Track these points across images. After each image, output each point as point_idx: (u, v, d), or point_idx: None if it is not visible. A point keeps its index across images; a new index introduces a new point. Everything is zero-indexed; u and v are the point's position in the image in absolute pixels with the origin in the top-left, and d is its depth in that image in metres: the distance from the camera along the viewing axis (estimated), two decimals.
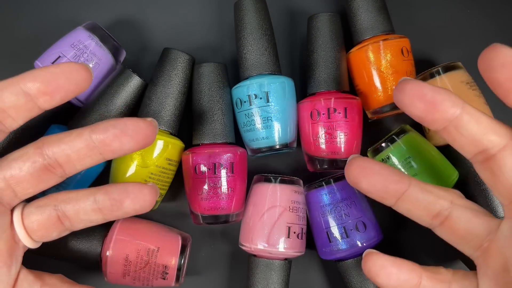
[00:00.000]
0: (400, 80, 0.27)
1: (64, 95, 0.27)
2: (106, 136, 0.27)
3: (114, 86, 0.36)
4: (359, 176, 0.27)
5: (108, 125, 0.27)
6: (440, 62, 0.40)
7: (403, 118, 0.41)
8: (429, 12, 0.43)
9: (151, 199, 0.28)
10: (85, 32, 0.36)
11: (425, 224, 0.28)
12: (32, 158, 0.27)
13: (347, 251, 0.35)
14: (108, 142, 0.27)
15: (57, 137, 0.27)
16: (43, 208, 0.27)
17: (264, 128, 0.36)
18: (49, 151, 0.27)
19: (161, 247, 0.35)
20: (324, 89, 0.37)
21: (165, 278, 0.35)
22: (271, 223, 0.35)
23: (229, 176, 0.35)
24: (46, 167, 0.27)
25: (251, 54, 0.37)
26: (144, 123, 0.27)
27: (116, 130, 0.27)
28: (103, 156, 0.27)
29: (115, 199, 0.27)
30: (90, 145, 0.27)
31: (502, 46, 0.25)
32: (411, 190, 0.27)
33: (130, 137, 0.27)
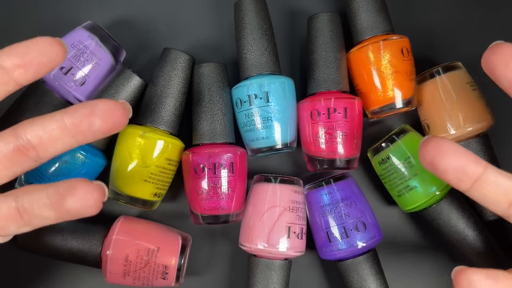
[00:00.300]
0: (492, 44, 0.26)
1: (38, 68, 0.27)
2: (76, 116, 0.26)
3: (114, 86, 0.36)
4: (437, 155, 0.26)
5: (79, 106, 0.27)
6: (440, 62, 0.39)
7: (403, 118, 0.41)
8: (429, 12, 0.43)
9: (93, 199, 0.26)
10: (85, 32, 0.36)
11: (499, 212, 0.27)
12: (6, 139, 0.26)
13: (347, 251, 0.35)
14: (77, 123, 0.26)
15: (31, 119, 0.27)
16: (6, 197, 0.27)
17: (264, 128, 0.36)
18: (22, 132, 0.26)
19: (161, 247, 0.35)
20: (324, 89, 0.37)
21: (165, 278, 0.35)
22: (271, 223, 0.35)
23: (229, 176, 0.35)
24: (20, 148, 0.26)
25: (251, 54, 0.37)
26: (115, 104, 0.27)
27: (85, 110, 0.26)
28: (75, 140, 0.27)
29: (60, 194, 0.26)
30: (62, 126, 0.26)
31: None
32: (488, 172, 0.26)
33: (99, 117, 0.26)
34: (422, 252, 0.40)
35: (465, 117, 0.36)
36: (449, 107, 0.37)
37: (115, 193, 0.35)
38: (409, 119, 0.41)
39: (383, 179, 0.38)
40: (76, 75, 0.36)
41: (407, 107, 0.37)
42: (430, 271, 0.40)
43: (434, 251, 0.40)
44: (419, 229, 0.40)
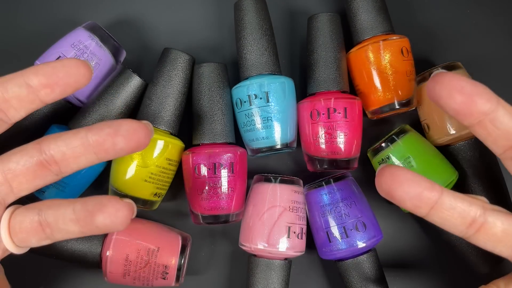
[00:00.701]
0: (434, 73, 0.26)
1: (64, 89, 0.27)
2: (101, 135, 0.27)
3: (114, 86, 0.36)
4: (392, 185, 0.26)
5: (104, 125, 0.27)
6: (440, 62, 0.40)
7: (403, 118, 0.41)
8: (429, 12, 0.43)
9: (123, 216, 0.26)
10: (85, 32, 0.36)
11: (460, 234, 0.27)
12: (29, 152, 0.27)
13: (347, 251, 0.35)
14: (102, 141, 0.27)
15: (55, 134, 0.28)
16: (28, 211, 0.27)
17: (264, 128, 0.36)
18: (46, 147, 0.27)
19: (161, 247, 0.35)
20: (324, 89, 0.37)
21: (165, 278, 0.35)
22: (271, 223, 0.35)
23: (229, 176, 0.35)
24: (42, 163, 0.27)
25: (251, 54, 0.37)
26: (138, 125, 0.27)
27: (110, 130, 0.27)
28: (97, 157, 0.27)
29: (89, 211, 0.26)
30: (85, 144, 0.27)
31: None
32: (444, 197, 0.26)
33: (123, 137, 0.27)
34: (422, 252, 0.40)
35: None
36: None
37: (115, 193, 0.35)
38: (409, 119, 0.41)
39: None
40: None
41: (407, 107, 0.37)
42: (430, 271, 0.40)
43: (434, 251, 0.40)
44: (419, 229, 0.40)
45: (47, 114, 0.37)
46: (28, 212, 0.27)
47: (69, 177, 0.34)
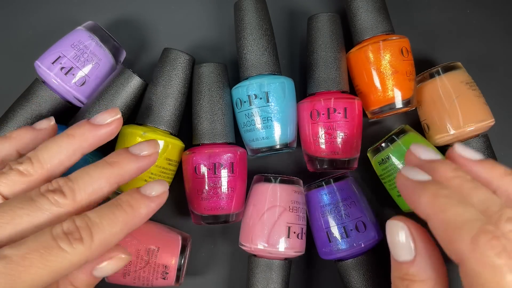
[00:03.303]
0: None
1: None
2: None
3: (114, 86, 0.36)
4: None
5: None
6: (440, 62, 0.40)
7: (403, 118, 0.41)
8: (429, 12, 0.43)
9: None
10: (85, 32, 0.36)
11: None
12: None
13: (347, 251, 0.35)
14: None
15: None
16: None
17: (264, 128, 0.36)
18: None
19: (161, 247, 0.35)
20: (324, 89, 0.37)
21: (165, 278, 0.35)
22: (271, 223, 0.35)
23: (229, 176, 0.35)
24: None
25: (251, 54, 0.37)
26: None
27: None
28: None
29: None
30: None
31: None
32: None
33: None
34: None
35: (464, 117, 0.36)
36: (448, 107, 0.37)
37: (115, 193, 0.35)
38: (409, 119, 0.41)
39: (383, 179, 0.38)
40: (76, 75, 0.36)
41: (407, 107, 0.37)
42: None
43: None
44: None
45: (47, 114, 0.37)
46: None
47: None
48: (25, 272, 0.23)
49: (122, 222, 0.26)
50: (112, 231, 0.26)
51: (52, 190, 0.26)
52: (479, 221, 0.22)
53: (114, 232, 0.26)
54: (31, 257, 0.23)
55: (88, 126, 0.29)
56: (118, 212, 0.26)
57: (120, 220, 0.26)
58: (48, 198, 0.25)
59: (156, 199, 0.28)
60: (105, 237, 0.25)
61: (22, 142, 0.30)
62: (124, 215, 0.26)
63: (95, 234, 0.25)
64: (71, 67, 0.36)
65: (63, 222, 0.25)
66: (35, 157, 0.27)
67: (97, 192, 0.27)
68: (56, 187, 0.26)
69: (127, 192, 0.28)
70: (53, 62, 0.35)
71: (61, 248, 0.24)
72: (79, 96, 0.37)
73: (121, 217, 0.26)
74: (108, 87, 0.36)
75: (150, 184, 0.28)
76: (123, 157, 0.28)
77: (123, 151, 0.29)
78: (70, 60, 0.35)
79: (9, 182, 0.27)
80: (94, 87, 0.37)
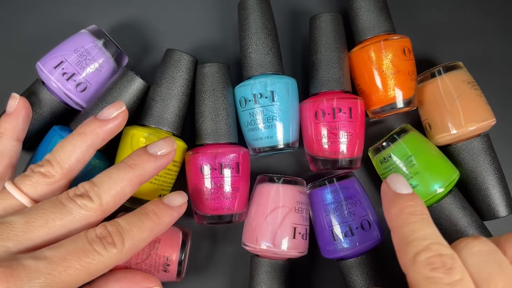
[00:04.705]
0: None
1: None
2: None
3: (116, 88, 0.36)
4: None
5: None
6: (441, 62, 0.40)
7: (404, 118, 0.41)
8: (430, 12, 0.43)
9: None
10: (88, 36, 0.36)
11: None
12: None
13: (351, 250, 0.35)
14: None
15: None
16: None
17: (267, 128, 0.36)
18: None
19: (162, 239, 0.35)
20: (327, 89, 0.37)
21: (166, 270, 0.34)
22: (277, 224, 0.35)
23: (233, 176, 0.35)
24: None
25: (256, 53, 0.37)
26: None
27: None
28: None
29: None
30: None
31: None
32: None
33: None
34: None
35: (466, 117, 0.37)
36: (450, 107, 0.37)
37: None
38: (410, 119, 0.41)
39: (384, 178, 0.38)
40: (78, 80, 0.35)
41: (408, 106, 0.37)
42: None
43: None
44: None
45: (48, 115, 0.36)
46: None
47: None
48: (65, 272, 0.25)
49: (148, 229, 0.29)
50: (140, 237, 0.28)
51: (80, 195, 0.28)
52: (427, 240, 0.25)
53: (142, 238, 0.28)
54: (70, 259, 0.25)
55: (98, 122, 0.30)
56: (146, 220, 0.29)
57: (148, 227, 0.28)
58: (77, 202, 0.27)
59: (177, 209, 0.31)
60: (134, 243, 0.28)
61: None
62: (150, 223, 0.29)
63: (126, 239, 0.27)
64: (73, 73, 0.35)
65: (96, 227, 0.27)
66: (54, 159, 0.29)
67: (120, 194, 0.29)
68: (83, 191, 0.28)
69: (152, 202, 0.30)
70: (55, 67, 0.35)
71: (96, 251, 0.26)
72: (79, 102, 0.36)
73: (148, 224, 0.29)
74: (110, 89, 0.36)
75: (172, 195, 0.31)
76: (142, 159, 0.30)
77: (142, 152, 0.30)
78: (72, 66, 0.35)
79: (33, 184, 0.28)
80: (94, 93, 0.37)
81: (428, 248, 0.25)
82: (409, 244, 0.25)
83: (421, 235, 0.25)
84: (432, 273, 0.24)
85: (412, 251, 0.25)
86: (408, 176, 0.36)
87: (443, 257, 0.24)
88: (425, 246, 0.25)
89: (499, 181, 0.37)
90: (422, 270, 0.24)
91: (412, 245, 0.25)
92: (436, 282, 0.24)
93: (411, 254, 0.25)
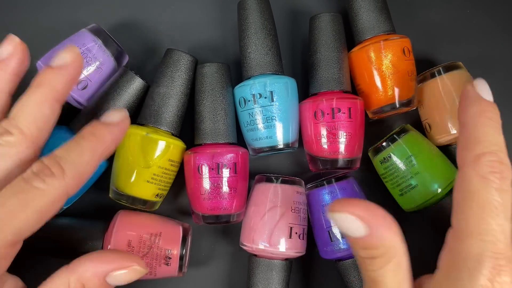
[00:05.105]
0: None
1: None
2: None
3: (116, 88, 0.36)
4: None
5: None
6: (441, 62, 0.40)
7: (404, 118, 0.41)
8: (430, 12, 0.43)
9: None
10: (88, 35, 0.36)
11: None
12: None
13: (348, 251, 0.35)
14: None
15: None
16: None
17: (266, 128, 0.36)
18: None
19: (163, 232, 0.35)
20: (327, 89, 0.37)
21: (168, 263, 0.34)
22: (273, 223, 0.35)
23: (231, 176, 0.35)
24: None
25: (255, 53, 0.37)
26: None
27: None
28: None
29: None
30: None
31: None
32: None
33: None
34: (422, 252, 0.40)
35: None
36: (450, 107, 0.37)
37: (116, 193, 0.35)
38: (410, 119, 0.41)
39: (384, 178, 0.38)
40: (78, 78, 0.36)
41: (408, 107, 0.37)
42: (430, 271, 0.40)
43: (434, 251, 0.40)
44: (420, 229, 0.40)
45: None
46: None
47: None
48: (8, 218, 0.24)
49: (89, 150, 0.27)
50: (81, 160, 0.27)
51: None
52: (496, 146, 0.27)
53: (84, 161, 0.27)
54: (9, 204, 0.25)
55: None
56: (84, 142, 0.27)
57: (88, 149, 0.27)
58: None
59: (117, 124, 0.29)
60: (76, 168, 0.26)
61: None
62: (90, 144, 0.27)
63: (66, 166, 0.26)
64: None
65: (33, 165, 0.26)
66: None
67: (39, 117, 0.28)
68: (1, 131, 0.27)
69: (89, 124, 0.29)
70: None
71: (35, 187, 0.25)
72: (79, 99, 0.36)
73: (87, 146, 0.27)
74: (110, 89, 0.36)
75: (110, 112, 0.30)
76: (47, 76, 0.29)
77: (46, 71, 0.29)
78: None
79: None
80: (95, 91, 0.37)
81: (495, 153, 0.27)
82: (479, 143, 0.27)
83: (492, 140, 0.27)
84: (488, 175, 0.26)
85: (480, 149, 0.27)
86: (408, 176, 0.36)
87: (503, 166, 0.26)
88: (493, 150, 0.27)
89: None
90: (481, 169, 0.26)
91: (483, 145, 0.27)
92: (488, 183, 0.26)
93: (478, 151, 0.27)
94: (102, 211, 0.39)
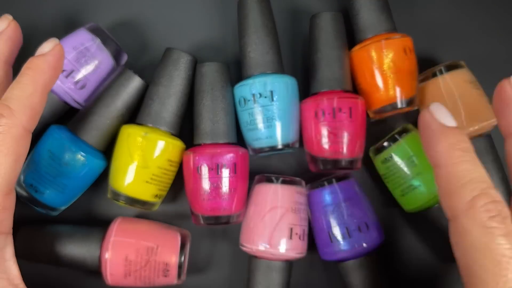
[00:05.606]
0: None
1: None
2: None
3: (115, 87, 0.36)
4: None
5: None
6: (443, 61, 0.39)
7: (405, 118, 0.41)
8: (432, 11, 0.42)
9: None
10: (87, 33, 0.36)
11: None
12: None
13: (349, 252, 0.35)
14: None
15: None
16: None
17: (267, 128, 0.36)
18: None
19: (161, 245, 0.35)
20: (327, 88, 0.37)
21: (166, 275, 0.34)
22: (273, 224, 0.35)
23: (231, 176, 0.35)
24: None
25: (255, 52, 0.37)
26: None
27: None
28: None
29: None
30: None
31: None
32: None
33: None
34: (424, 253, 0.40)
35: (467, 117, 0.36)
36: (451, 106, 0.37)
37: (114, 194, 0.35)
38: (411, 119, 0.41)
39: (386, 178, 0.37)
40: (77, 78, 0.35)
41: (409, 106, 0.37)
42: (432, 272, 0.40)
43: (436, 252, 0.40)
44: (421, 230, 0.40)
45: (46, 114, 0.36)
46: None
47: (68, 179, 0.34)
48: None
49: (29, 83, 0.28)
50: (26, 93, 0.28)
51: None
52: (484, 183, 0.24)
53: (28, 94, 0.28)
54: None
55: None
56: (22, 78, 0.29)
57: (27, 83, 0.28)
58: None
59: (50, 53, 0.30)
60: (22, 102, 0.28)
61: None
62: (27, 78, 0.29)
63: (12, 105, 0.27)
64: (72, 70, 0.35)
65: None
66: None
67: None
68: None
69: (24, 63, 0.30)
70: None
71: None
72: (77, 99, 0.36)
73: (26, 80, 0.28)
74: (108, 88, 0.36)
75: (41, 45, 0.31)
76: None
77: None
78: (71, 62, 0.35)
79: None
80: (94, 90, 0.37)
81: (486, 193, 0.23)
82: (464, 186, 0.24)
83: (477, 177, 0.24)
84: (489, 222, 0.23)
85: (469, 194, 0.24)
86: (410, 176, 0.35)
87: (498, 204, 0.23)
88: (483, 190, 0.24)
89: (502, 181, 0.37)
90: (479, 216, 0.23)
91: (470, 187, 0.24)
92: (492, 233, 0.23)
93: (468, 197, 0.24)
94: (101, 212, 0.39)
